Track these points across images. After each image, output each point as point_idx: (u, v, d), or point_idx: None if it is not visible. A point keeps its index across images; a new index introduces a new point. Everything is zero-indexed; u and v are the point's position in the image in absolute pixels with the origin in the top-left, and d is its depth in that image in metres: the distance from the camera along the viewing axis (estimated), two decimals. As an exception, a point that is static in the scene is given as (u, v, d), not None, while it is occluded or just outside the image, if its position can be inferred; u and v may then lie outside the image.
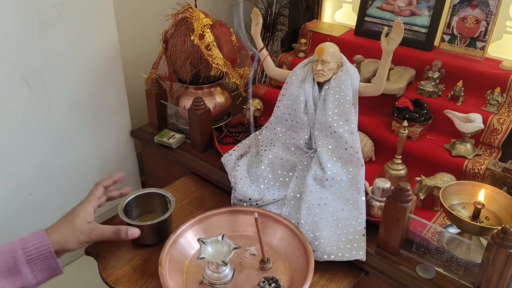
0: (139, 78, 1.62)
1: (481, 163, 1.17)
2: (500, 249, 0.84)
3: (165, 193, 1.13)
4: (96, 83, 1.43)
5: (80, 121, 1.43)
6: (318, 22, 1.73)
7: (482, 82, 1.31)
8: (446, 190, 1.04)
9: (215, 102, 1.48)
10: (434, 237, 1.03)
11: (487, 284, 0.89)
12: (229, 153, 1.32)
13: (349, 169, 1.17)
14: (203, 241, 0.96)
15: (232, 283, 0.97)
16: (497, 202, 1.02)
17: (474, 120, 1.19)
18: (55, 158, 1.40)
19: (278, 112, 1.27)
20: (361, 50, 1.49)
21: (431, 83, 1.35)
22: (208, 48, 1.37)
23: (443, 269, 0.97)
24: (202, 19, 1.37)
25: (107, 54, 1.43)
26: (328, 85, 1.20)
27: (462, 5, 1.38)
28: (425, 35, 1.45)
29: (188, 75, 1.42)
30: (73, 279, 1.59)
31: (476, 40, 1.37)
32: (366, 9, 1.56)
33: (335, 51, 1.19)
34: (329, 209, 1.10)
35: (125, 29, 1.61)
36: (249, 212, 1.10)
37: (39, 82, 1.28)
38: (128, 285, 0.99)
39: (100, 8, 1.36)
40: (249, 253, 1.05)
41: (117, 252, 1.07)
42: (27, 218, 1.38)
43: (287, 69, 1.56)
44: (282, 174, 1.23)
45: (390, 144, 1.29)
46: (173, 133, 1.48)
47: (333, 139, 1.18)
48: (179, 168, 1.44)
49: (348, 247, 1.03)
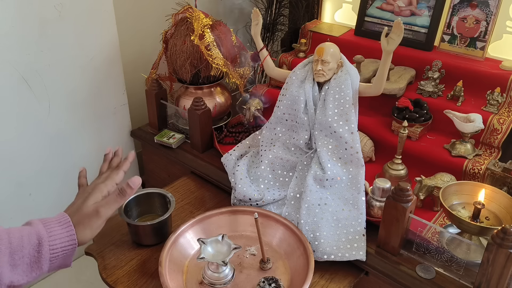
0: (139, 78, 1.62)
1: (481, 163, 1.17)
2: (500, 249, 0.84)
3: (165, 193, 1.13)
4: (96, 83, 1.43)
5: (80, 121, 1.43)
6: (318, 22, 1.73)
7: (482, 82, 1.31)
8: (446, 190, 1.04)
9: (215, 102, 1.48)
10: (434, 237, 1.03)
11: (487, 284, 0.89)
12: (229, 153, 1.32)
13: (349, 169, 1.17)
14: (203, 241, 0.96)
15: (232, 283, 0.97)
16: (497, 202, 1.02)
17: (474, 120, 1.19)
18: (55, 158, 1.40)
19: (278, 112, 1.27)
20: (361, 50, 1.49)
21: (431, 83, 1.35)
22: (208, 48, 1.37)
23: (443, 269, 0.97)
24: (202, 19, 1.37)
25: (107, 54, 1.43)
26: (328, 85, 1.20)
27: (462, 5, 1.38)
28: (425, 35, 1.45)
29: (188, 75, 1.42)
30: (73, 279, 1.59)
31: (476, 40, 1.37)
32: (366, 9, 1.56)
33: (335, 51, 1.19)
34: (329, 209, 1.10)
35: (125, 29, 1.61)
36: (249, 212, 1.10)
37: (39, 82, 1.28)
38: (128, 285, 0.99)
39: (100, 8, 1.36)
40: (249, 253, 1.05)
41: (117, 252, 1.07)
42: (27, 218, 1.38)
43: (287, 69, 1.56)
44: (282, 174, 1.23)
45: (390, 144, 1.29)
46: (173, 133, 1.48)
47: (333, 139, 1.18)
48: (179, 168, 1.44)
49: (348, 247, 1.03)
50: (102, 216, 0.79)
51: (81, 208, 0.79)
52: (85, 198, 0.81)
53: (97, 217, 0.78)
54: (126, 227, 1.12)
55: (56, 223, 0.75)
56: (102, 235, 1.12)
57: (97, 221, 0.78)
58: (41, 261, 0.72)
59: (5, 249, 0.69)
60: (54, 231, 0.74)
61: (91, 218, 0.78)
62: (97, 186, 0.84)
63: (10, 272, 0.69)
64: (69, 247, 0.74)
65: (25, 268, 0.71)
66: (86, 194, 0.82)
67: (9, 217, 1.34)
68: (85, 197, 0.81)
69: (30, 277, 0.71)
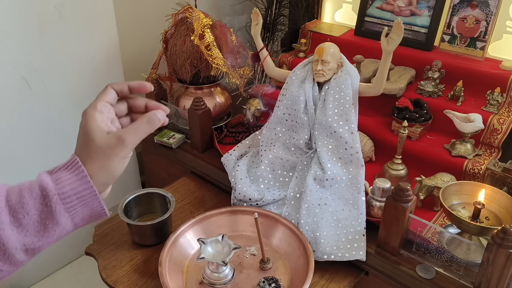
0: (139, 78, 1.62)
1: (481, 163, 1.17)
2: (500, 249, 0.84)
3: (165, 193, 1.13)
4: (96, 83, 1.43)
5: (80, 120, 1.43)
6: (318, 22, 1.73)
7: (482, 82, 1.31)
8: (446, 190, 1.04)
9: (215, 102, 1.48)
10: (434, 237, 1.03)
11: (487, 284, 0.89)
12: (229, 153, 1.32)
13: (349, 169, 1.17)
14: (203, 241, 0.96)
15: (232, 283, 0.97)
16: (497, 202, 1.02)
17: (474, 120, 1.19)
18: (55, 158, 1.40)
19: (278, 112, 1.27)
20: (361, 50, 1.49)
21: (431, 83, 1.35)
22: (208, 48, 1.37)
23: (443, 269, 0.97)
24: (202, 19, 1.37)
25: (107, 54, 1.43)
26: (328, 85, 1.20)
27: (462, 5, 1.38)
28: (425, 35, 1.45)
29: (188, 75, 1.42)
30: (73, 279, 1.59)
31: (476, 40, 1.37)
32: (366, 9, 1.56)
33: (335, 51, 1.19)
34: (329, 209, 1.10)
35: (125, 29, 1.61)
36: (249, 212, 1.10)
37: (39, 82, 1.28)
38: (128, 285, 0.99)
39: (100, 8, 1.36)
40: (249, 253, 1.05)
41: (117, 252, 1.07)
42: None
43: (287, 69, 1.56)
44: (282, 174, 1.23)
45: (390, 144, 1.29)
46: (173, 133, 1.48)
47: (333, 139, 1.18)
48: (179, 168, 1.44)
49: (348, 247, 1.03)
50: (128, 144, 0.62)
51: (94, 138, 0.62)
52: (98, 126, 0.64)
53: (123, 145, 0.62)
54: (126, 227, 1.12)
55: (63, 168, 0.62)
56: (102, 235, 1.12)
57: (122, 150, 0.62)
58: (54, 215, 0.59)
59: (2, 209, 0.57)
60: (61, 177, 0.60)
61: (114, 148, 0.62)
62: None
63: (18, 234, 0.57)
64: (85, 191, 0.60)
65: (37, 227, 0.58)
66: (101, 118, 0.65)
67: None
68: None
69: (50, 237, 0.59)
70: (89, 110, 0.65)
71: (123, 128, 0.64)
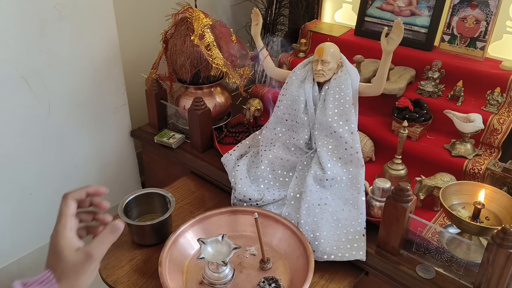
0: (139, 78, 1.62)
1: (481, 163, 1.17)
2: (500, 249, 0.84)
3: (165, 193, 1.13)
4: (96, 83, 1.43)
5: (80, 121, 1.43)
6: (318, 22, 1.73)
7: (482, 82, 1.31)
8: (446, 190, 1.04)
9: (215, 102, 1.48)
10: (434, 237, 1.03)
11: (487, 284, 0.89)
12: (229, 153, 1.32)
13: (349, 169, 1.17)
14: (203, 241, 0.96)
15: (232, 283, 0.97)
16: (497, 202, 1.02)
17: (474, 120, 1.19)
18: (55, 158, 1.40)
19: (278, 112, 1.27)
20: (361, 50, 1.49)
21: (431, 83, 1.35)
22: (208, 48, 1.37)
23: (443, 269, 0.97)
24: (202, 19, 1.37)
25: (107, 54, 1.43)
26: (328, 85, 1.20)
27: (462, 5, 1.38)
28: (425, 35, 1.45)
29: (188, 75, 1.42)
30: (73, 279, 1.58)
31: (476, 40, 1.37)
32: (366, 9, 1.56)
33: (335, 51, 1.19)
34: (329, 209, 1.10)
35: (125, 29, 1.61)
36: (249, 212, 1.10)
37: (39, 82, 1.28)
38: (128, 285, 0.99)
39: (100, 8, 1.36)
40: (249, 253, 1.05)
41: (117, 252, 1.07)
42: (27, 217, 1.38)
43: (287, 69, 1.56)
44: (282, 174, 1.23)
45: (390, 144, 1.29)
46: (173, 133, 1.48)
47: (333, 139, 1.18)
48: (179, 168, 1.44)
49: (348, 247, 1.03)
50: (97, 258, 0.68)
51: (65, 256, 0.67)
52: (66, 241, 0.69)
53: (91, 261, 0.67)
54: (126, 227, 1.12)
55: (37, 283, 0.65)
56: (102, 235, 1.12)
57: (91, 265, 0.67)
58: None
59: None
60: None
61: (83, 264, 0.67)
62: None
63: None
64: None
65: None
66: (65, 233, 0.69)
67: (9, 217, 1.34)
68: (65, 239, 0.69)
69: None
70: (60, 229, 0.69)
71: (89, 244, 0.69)
